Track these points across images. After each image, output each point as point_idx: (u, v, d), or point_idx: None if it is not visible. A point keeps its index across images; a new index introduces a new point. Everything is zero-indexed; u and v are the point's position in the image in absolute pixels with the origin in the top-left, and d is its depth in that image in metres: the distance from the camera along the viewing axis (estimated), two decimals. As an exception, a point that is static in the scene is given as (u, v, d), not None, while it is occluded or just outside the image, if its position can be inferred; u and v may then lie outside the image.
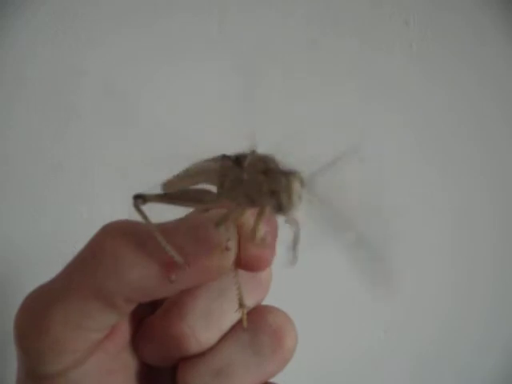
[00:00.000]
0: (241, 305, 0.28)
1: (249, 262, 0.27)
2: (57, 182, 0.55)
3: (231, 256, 0.26)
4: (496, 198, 0.60)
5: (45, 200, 0.55)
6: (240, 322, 0.29)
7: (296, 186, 0.25)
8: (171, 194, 0.29)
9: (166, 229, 0.26)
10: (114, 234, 0.27)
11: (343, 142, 0.52)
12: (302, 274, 0.55)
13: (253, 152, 0.27)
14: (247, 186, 0.26)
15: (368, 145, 0.55)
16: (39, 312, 0.27)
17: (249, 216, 0.27)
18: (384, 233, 0.58)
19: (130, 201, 0.28)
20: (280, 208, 0.25)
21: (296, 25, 0.57)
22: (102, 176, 0.56)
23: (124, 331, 0.30)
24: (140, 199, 0.28)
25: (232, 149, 0.28)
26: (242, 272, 0.28)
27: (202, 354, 0.29)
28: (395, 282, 0.55)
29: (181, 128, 0.52)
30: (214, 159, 0.28)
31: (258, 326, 0.29)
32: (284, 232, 0.28)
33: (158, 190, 0.31)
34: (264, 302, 0.31)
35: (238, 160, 0.27)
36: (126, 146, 0.54)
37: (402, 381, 0.62)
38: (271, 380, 0.30)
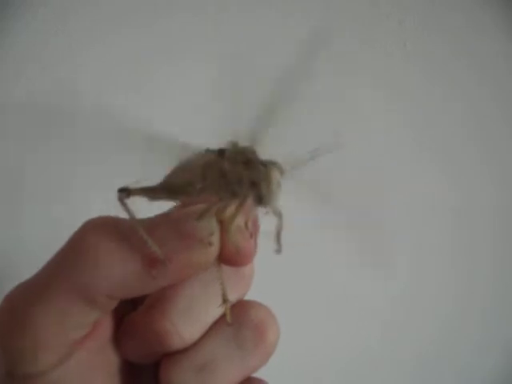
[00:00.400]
0: (224, 300, 0.28)
1: (231, 257, 0.27)
2: (57, 182, 0.56)
3: (214, 251, 0.26)
4: (496, 197, 0.60)
5: (45, 200, 0.56)
6: (223, 316, 0.29)
7: (275, 176, 0.25)
8: (155, 188, 0.29)
9: (148, 224, 0.26)
10: (95, 230, 0.27)
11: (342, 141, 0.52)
12: (302, 274, 0.55)
13: (234, 144, 0.27)
14: (228, 178, 0.26)
15: (365, 144, 0.55)
16: (20, 310, 0.27)
17: (232, 210, 0.27)
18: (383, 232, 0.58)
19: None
20: (260, 199, 0.25)
21: (296, 25, 0.57)
22: (102, 176, 0.56)
23: (106, 328, 0.30)
24: (124, 193, 0.28)
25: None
26: (224, 267, 0.28)
27: (184, 350, 0.29)
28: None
29: (180, 128, 0.52)
30: (199, 153, 0.28)
31: (240, 320, 0.29)
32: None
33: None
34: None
35: (220, 152, 0.27)
36: (125, 145, 0.55)
37: (402, 381, 0.62)
38: (253, 375, 0.30)
